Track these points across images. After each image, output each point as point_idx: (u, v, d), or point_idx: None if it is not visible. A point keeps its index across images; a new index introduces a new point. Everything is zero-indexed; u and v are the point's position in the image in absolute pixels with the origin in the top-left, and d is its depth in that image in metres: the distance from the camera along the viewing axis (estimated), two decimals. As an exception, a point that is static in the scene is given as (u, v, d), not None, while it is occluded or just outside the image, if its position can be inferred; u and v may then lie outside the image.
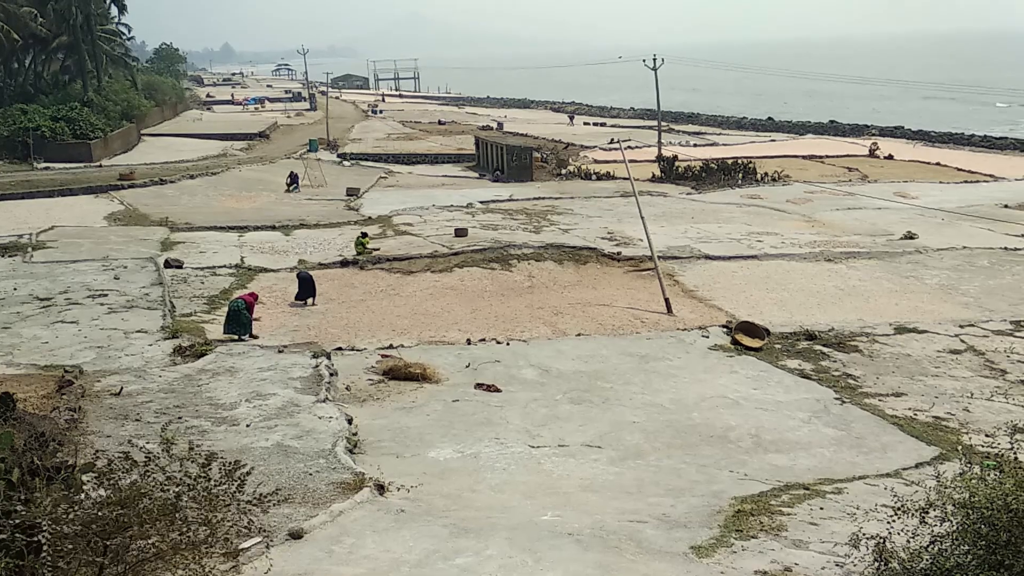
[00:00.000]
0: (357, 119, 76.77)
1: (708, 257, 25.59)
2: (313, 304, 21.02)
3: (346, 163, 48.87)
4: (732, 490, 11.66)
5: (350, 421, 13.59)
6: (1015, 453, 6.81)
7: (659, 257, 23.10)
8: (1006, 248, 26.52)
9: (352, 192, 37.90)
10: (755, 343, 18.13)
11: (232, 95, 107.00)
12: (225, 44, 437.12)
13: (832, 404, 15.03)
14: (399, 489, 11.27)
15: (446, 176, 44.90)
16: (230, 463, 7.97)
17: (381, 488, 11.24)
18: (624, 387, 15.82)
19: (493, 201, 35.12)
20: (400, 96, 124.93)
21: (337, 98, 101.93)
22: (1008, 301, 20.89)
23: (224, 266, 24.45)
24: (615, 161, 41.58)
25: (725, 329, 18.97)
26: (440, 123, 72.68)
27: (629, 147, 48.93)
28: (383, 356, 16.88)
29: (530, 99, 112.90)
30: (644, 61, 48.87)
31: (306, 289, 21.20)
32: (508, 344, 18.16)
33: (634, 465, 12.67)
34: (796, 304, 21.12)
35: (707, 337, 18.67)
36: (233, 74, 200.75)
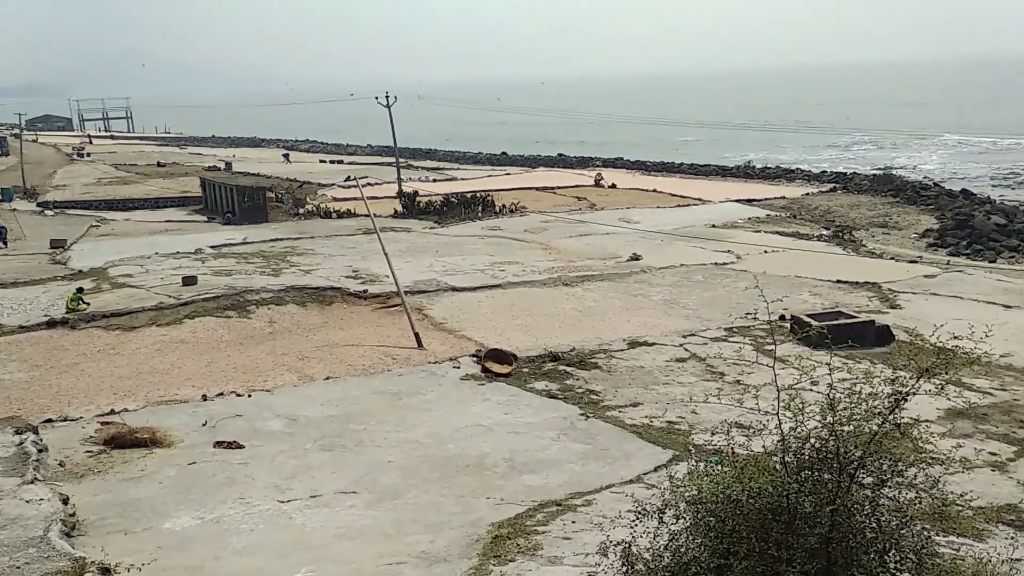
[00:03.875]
0: (61, 163, 70.14)
1: (455, 289, 25.93)
2: None
3: (48, 212, 44.32)
4: (490, 516, 11.69)
5: (66, 501, 12.00)
6: (731, 447, 7.36)
7: (406, 292, 23.01)
8: (716, 263, 29.44)
9: (57, 244, 34.26)
10: (504, 369, 18.50)
11: None
12: None
13: (578, 420, 15.63)
14: (128, 569, 10.08)
15: (170, 221, 42.05)
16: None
17: (106, 571, 10.05)
18: (378, 427, 15.42)
19: (225, 245, 33.32)
20: (112, 137, 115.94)
21: (35, 141, 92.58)
22: (721, 311, 23.09)
23: None
24: (355, 199, 41.21)
25: (475, 358, 19.21)
26: (160, 165, 68.32)
27: (368, 184, 48.90)
28: (103, 424, 15.14)
29: (260, 137, 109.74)
30: (377, 98, 49.22)
31: None
32: (250, 396, 17.07)
33: (392, 506, 12.31)
34: (540, 328, 21.89)
35: (458, 368, 18.78)
36: None
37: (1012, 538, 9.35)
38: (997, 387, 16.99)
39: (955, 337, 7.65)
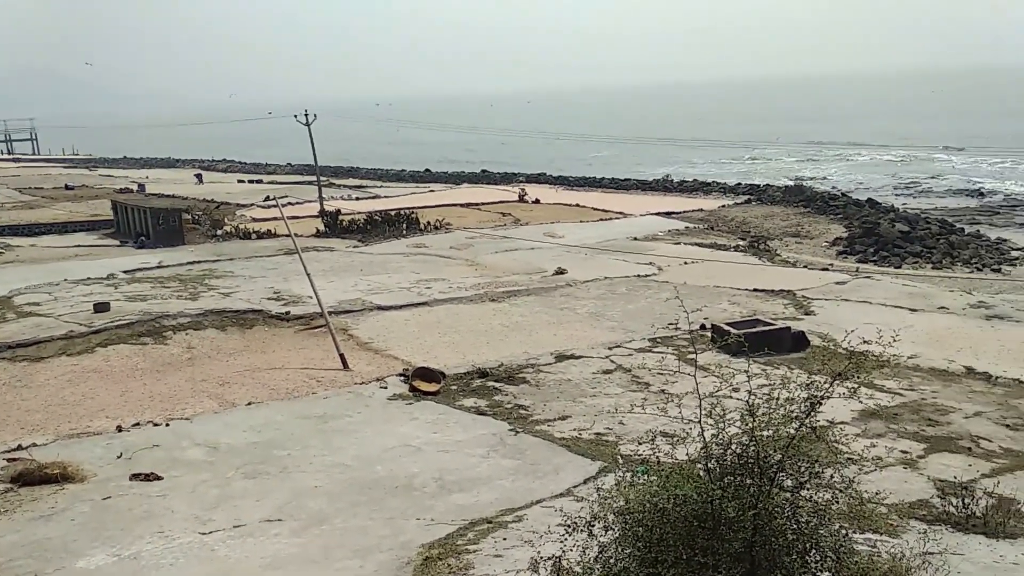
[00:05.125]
0: (-43, 189, 66.90)
1: (380, 308, 25.69)
2: None
3: (-54, 241, 42.10)
4: (420, 538, 11.55)
5: (-32, 545, 11.35)
6: (656, 457, 7.46)
7: (330, 312, 22.68)
8: (639, 275, 29.94)
9: (-45, 273, 32.56)
10: (432, 387, 18.39)
11: None
12: None
13: (507, 436, 15.63)
14: (38, 614, 9.56)
15: (79, 246, 40.38)
16: None
17: (14, 618, 9.48)
18: (303, 452, 15.11)
19: (140, 269, 32.24)
20: (15, 160, 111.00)
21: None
22: (644, 322, 23.46)
23: None
24: (275, 218, 40.46)
25: (402, 377, 19.05)
26: (68, 188, 65.72)
27: (289, 203, 48.17)
28: (9, 460, 14.38)
29: (175, 158, 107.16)
30: (296, 116, 48.60)
31: None
32: (168, 425, 16.51)
33: (319, 532, 12.05)
34: (467, 345, 21.85)
35: (385, 388, 18.58)
36: None
37: (924, 533, 9.73)
38: (906, 387, 17.72)
39: (864, 341, 7.95)
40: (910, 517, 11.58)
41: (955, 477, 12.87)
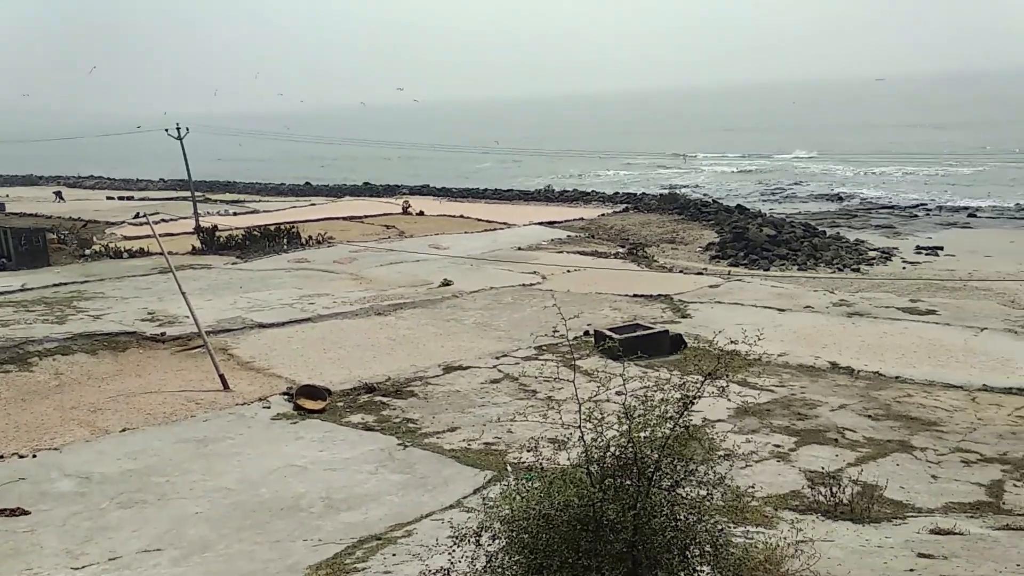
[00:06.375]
0: None
1: (262, 325, 25.04)
2: None
3: None
4: (307, 559, 11.34)
5: None
6: (540, 463, 7.61)
7: (209, 332, 21.95)
8: (524, 285, 30.35)
9: None
10: (318, 405, 18.08)
11: None
12: None
13: (396, 450, 15.54)
14: None
15: (-68, 273, 37.56)
16: None
17: None
18: (183, 477, 14.57)
19: (1, 293, 30.26)
20: None
21: None
22: (529, 330, 23.74)
23: None
24: (148, 236, 38.78)
25: (286, 396, 18.65)
26: (-86, 211, 61.06)
27: (162, 220, 46.37)
28: None
29: (38, 175, 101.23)
30: (167, 131, 46.79)
31: None
32: (35, 456, 15.59)
33: (201, 560, 11.64)
34: (354, 360, 21.58)
35: (268, 408, 18.13)
36: None
37: (793, 522, 10.27)
38: (777, 384, 18.70)
39: (732, 341, 8.37)
40: (783, 508, 12.21)
41: (823, 468, 13.64)
